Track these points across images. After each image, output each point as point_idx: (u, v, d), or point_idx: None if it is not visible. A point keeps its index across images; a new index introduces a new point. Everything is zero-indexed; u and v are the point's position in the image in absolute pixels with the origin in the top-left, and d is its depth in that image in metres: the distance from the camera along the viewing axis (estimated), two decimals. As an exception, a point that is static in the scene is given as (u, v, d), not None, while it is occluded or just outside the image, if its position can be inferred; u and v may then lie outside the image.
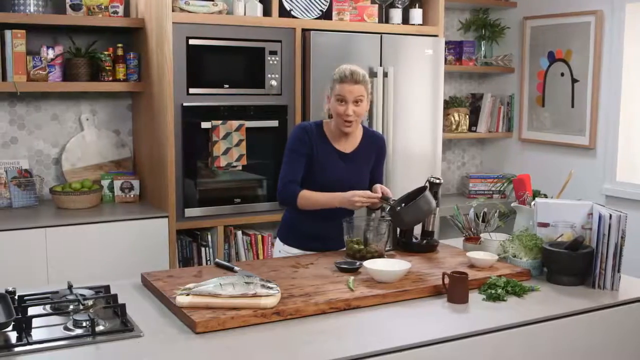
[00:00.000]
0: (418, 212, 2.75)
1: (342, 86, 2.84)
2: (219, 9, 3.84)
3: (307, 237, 2.99)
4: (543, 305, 2.35)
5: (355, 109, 2.85)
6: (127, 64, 4.02)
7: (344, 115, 2.84)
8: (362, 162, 2.99)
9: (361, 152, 2.99)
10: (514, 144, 5.23)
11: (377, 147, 3.05)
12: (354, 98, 2.83)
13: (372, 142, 3.04)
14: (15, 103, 3.97)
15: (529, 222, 2.82)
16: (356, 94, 2.83)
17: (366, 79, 2.89)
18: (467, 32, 5.27)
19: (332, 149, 2.95)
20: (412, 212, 2.74)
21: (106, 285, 2.33)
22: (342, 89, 2.84)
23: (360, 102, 2.85)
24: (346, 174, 2.93)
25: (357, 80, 2.84)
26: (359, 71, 2.87)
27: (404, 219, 2.76)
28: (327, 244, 2.94)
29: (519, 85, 5.12)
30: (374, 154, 3.03)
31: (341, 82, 2.84)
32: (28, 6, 3.71)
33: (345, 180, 2.91)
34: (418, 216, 2.78)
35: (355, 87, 2.83)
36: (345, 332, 2.06)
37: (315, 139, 2.94)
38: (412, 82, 4.34)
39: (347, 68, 2.87)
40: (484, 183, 5.09)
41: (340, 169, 2.94)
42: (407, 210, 2.75)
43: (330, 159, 2.94)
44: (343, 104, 2.84)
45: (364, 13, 4.28)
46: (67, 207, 3.83)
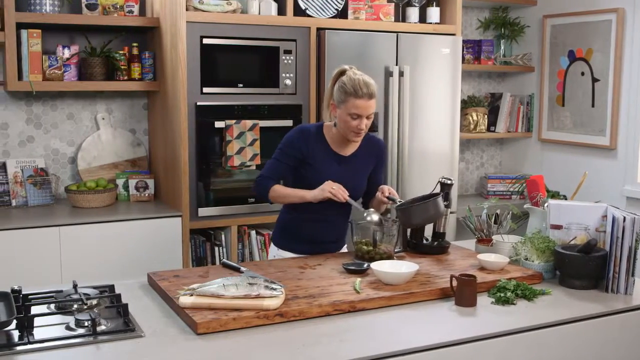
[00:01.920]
0: (425, 213, 2.72)
1: (358, 102, 2.72)
2: (233, 8, 3.83)
3: (301, 241, 2.94)
4: (553, 309, 2.30)
5: (367, 122, 2.79)
6: (142, 63, 4.03)
7: (356, 129, 2.78)
8: (359, 166, 2.94)
9: (359, 156, 2.94)
10: (533, 144, 5.16)
11: (377, 151, 3.00)
12: (368, 113, 2.76)
13: (372, 146, 2.98)
14: (31, 102, 4.00)
15: (542, 224, 2.77)
16: (370, 110, 2.76)
17: (376, 91, 2.79)
18: (486, 31, 5.21)
19: (329, 152, 2.90)
20: (420, 213, 2.72)
21: (110, 285, 2.33)
22: (358, 105, 2.73)
23: (372, 117, 2.80)
24: (342, 176, 2.86)
25: (371, 94, 2.75)
26: (371, 84, 2.77)
27: (411, 218, 2.73)
28: (322, 247, 2.91)
29: (538, 85, 5.05)
30: (373, 158, 2.98)
31: (357, 98, 2.72)
32: (44, 6, 3.73)
33: (344, 182, 2.83)
34: (424, 217, 2.75)
35: (371, 103, 2.75)
36: (348, 335, 2.03)
37: (313, 142, 2.88)
38: (428, 82, 4.30)
39: (361, 80, 2.74)
40: (502, 184, 5.03)
41: (336, 172, 2.88)
42: (415, 210, 2.72)
43: (327, 161, 2.88)
44: (357, 119, 2.76)
45: (380, 12, 4.24)
46: (82, 206, 3.85)
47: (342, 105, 2.77)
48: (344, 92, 2.75)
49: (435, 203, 2.73)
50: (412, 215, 2.73)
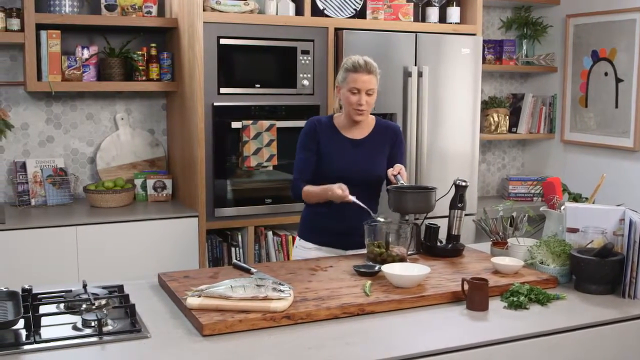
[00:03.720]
0: (414, 203, 2.72)
1: (356, 76, 2.83)
2: (250, 8, 3.83)
3: (322, 232, 2.98)
4: (567, 314, 2.25)
5: (367, 99, 2.85)
6: (161, 63, 4.05)
7: (357, 105, 2.84)
8: (374, 149, 2.96)
9: (373, 139, 2.97)
10: (556, 145, 5.08)
11: (392, 136, 3.01)
12: (367, 88, 2.83)
13: (386, 131, 3.01)
14: (51, 102, 4.04)
15: (558, 227, 2.72)
16: (369, 85, 2.83)
17: (377, 70, 2.88)
18: (508, 31, 5.14)
19: (342, 138, 2.95)
20: (409, 199, 2.72)
21: (120, 285, 2.33)
22: (356, 79, 2.82)
23: (372, 93, 2.85)
24: (357, 160, 2.91)
25: (370, 70, 2.84)
26: (371, 62, 2.86)
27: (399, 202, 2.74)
28: (342, 240, 2.96)
29: (561, 85, 4.98)
30: (388, 142, 3.00)
31: (355, 72, 2.83)
32: (63, 7, 3.76)
33: (356, 166, 2.90)
34: (412, 206, 2.74)
35: (369, 78, 2.83)
36: (355, 338, 2.01)
37: (325, 129, 2.95)
38: (448, 82, 4.26)
39: (360, 58, 2.86)
40: (523, 185, 4.97)
41: (350, 155, 2.92)
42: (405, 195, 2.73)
43: (340, 147, 2.93)
44: (356, 94, 2.84)
45: (399, 12, 4.21)
46: (100, 206, 3.88)
47: (343, 84, 2.88)
48: (345, 70, 2.88)
49: (428, 195, 2.73)
50: (401, 199, 2.73)
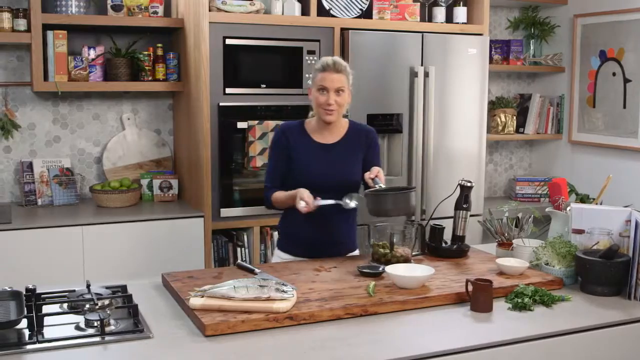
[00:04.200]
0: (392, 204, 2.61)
1: (323, 75, 2.78)
2: (256, 9, 3.83)
3: (298, 242, 2.90)
4: (572, 316, 2.24)
5: (336, 99, 2.78)
6: (167, 63, 4.05)
7: (325, 105, 2.78)
8: (347, 153, 2.88)
9: (346, 143, 2.89)
10: (563, 146, 5.06)
11: (366, 139, 2.93)
12: (335, 87, 2.76)
13: (360, 134, 2.93)
14: (58, 102, 4.05)
15: (564, 229, 2.71)
16: (337, 83, 2.77)
17: (348, 70, 2.82)
18: (515, 31, 5.12)
19: (313, 143, 2.88)
20: (386, 202, 2.62)
21: (123, 285, 2.34)
22: (323, 78, 2.77)
23: (341, 92, 2.78)
24: (329, 165, 2.83)
25: (338, 69, 2.78)
26: (341, 61, 2.81)
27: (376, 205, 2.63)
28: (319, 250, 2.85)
29: (569, 86, 4.95)
30: (363, 146, 2.91)
31: (323, 71, 2.78)
32: (70, 7, 3.77)
33: (329, 172, 2.82)
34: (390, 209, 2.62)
35: (337, 77, 2.77)
36: (357, 339, 2.00)
37: (295, 135, 2.89)
38: (455, 82, 4.24)
39: (329, 58, 2.82)
40: (531, 186, 4.94)
41: (322, 160, 2.85)
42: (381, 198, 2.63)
43: (311, 152, 2.86)
44: (325, 94, 2.78)
45: (406, 11, 4.20)
46: (106, 206, 3.89)
47: (313, 85, 2.83)
48: (314, 70, 2.85)
49: (407, 196, 2.63)
50: (379, 202, 2.63)
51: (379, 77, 4.05)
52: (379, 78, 4.05)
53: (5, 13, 3.66)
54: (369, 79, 4.02)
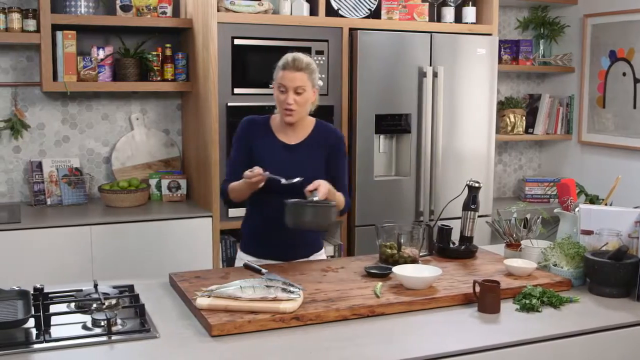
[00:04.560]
0: (308, 217, 2.51)
1: (283, 73, 2.68)
2: (264, 9, 3.83)
3: (260, 243, 2.82)
4: (580, 317, 2.23)
5: (296, 98, 2.67)
6: (176, 64, 4.06)
7: (285, 104, 2.68)
8: (308, 155, 2.78)
9: (308, 144, 2.79)
10: (573, 146, 5.03)
11: (330, 142, 2.82)
12: (294, 86, 2.66)
13: (324, 136, 2.83)
14: (67, 102, 4.06)
15: (572, 229, 2.69)
16: (297, 82, 2.66)
17: (311, 67, 2.70)
18: (525, 31, 5.11)
19: (275, 141, 2.79)
20: (301, 214, 2.51)
21: (130, 285, 2.34)
22: (283, 76, 2.68)
23: (302, 92, 2.68)
24: (289, 166, 2.70)
25: (299, 67, 2.67)
26: (302, 58, 2.70)
27: (292, 216, 2.52)
28: (283, 251, 2.78)
29: (578, 86, 4.93)
30: (326, 149, 2.80)
31: (283, 69, 2.69)
32: (79, 8, 3.79)
33: (288, 173, 2.66)
34: (305, 221, 2.52)
35: (297, 75, 2.66)
36: (364, 340, 2.00)
37: (258, 131, 2.81)
38: (464, 83, 4.23)
39: (291, 55, 2.71)
40: (540, 187, 4.92)
41: (282, 161, 2.75)
42: (296, 209, 2.51)
43: (272, 151, 2.77)
44: (284, 92, 2.68)
45: (414, 12, 4.19)
46: (115, 205, 3.90)
47: (274, 82, 2.74)
48: (276, 68, 2.74)
49: (326, 211, 2.52)
50: (297, 213, 2.52)
51: (388, 78, 4.04)
52: (388, 78, 4.04)
53: (15, 13, 3.68)
54: (377, 79, 4.01)
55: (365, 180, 4.06)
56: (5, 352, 1.84)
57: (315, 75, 2.74)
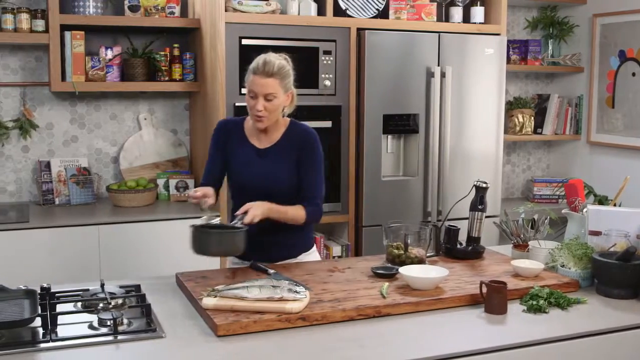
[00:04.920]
0: (211, 245, 2.41)
1: (253, 78, 2.57)
2: (272, 9, 3.83)
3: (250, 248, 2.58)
4: (588, 318, 2.22)
5: (266, 105, 2.57)
6: (183, 64, 4.07)
7: (254, 110, 2.58)
8: (279, 159, 2.68)
9: (279, 148, 2.69)
10: (582, 147, 5.01)
11: (301, 143, 2.69)
12: (263, 93, 2.55)
13: (296, 138, 2.70)
14: (75, 102, 4.07)
15: (580, 230, 2.68)
16: (267, 89, 2.55)
17: (283, 72, 2.59)
18: (534, 31, 5.08)
19: (248, 145, 2.71)
20: (205, 241, 2.41)
21: (137, 284, 2.34)
22: (253, 81, 2.57)
23: (272, 99, 2.57)
24: (260, 172, 2.66)
25: (269, 72, 2.55)
26: (273, 62, 2.57)
27: (196, 243, 2.42)
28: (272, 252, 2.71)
29: (587, 86, 4.91)
30: (296, 150, 2.68)
31: (253, 74, 2.58)
32: (87, 8, 3.80)
33: (259, 179, 2.65)
34: (208, 248, 2.43)
35: (267, 81, 2.55)
36: (370, 341, 1.99)
37: (233, 134, 2.74)
38: (472, 83, 4.22)
39: (262, 58, 2.58)
40: (548, 187, 4.90)
41: (254, 166, 2.68)
42: (200, 236, 2.41)
43: (245, 155, 2.70)
44: (253, 99, 2.58)
45: (422, 11, 4.18)
46: (122, 205, 3.90)
47: (246, 85, 2.64)
48: (248, 71, 2.63)
49: (233, 237, 2.41)
50: (201, 240, 2.41)
51: (395, 78, 4.03)
52: (395, 78, 4.04)
53: (24, 14, 3.69)
54: (385, 80, 4.01)
55: (372, 181, 4.05)
56: (12, 351, 1.84)
57: (289, 79, 2.63)
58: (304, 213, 2.66)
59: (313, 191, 2.69)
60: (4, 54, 3.91)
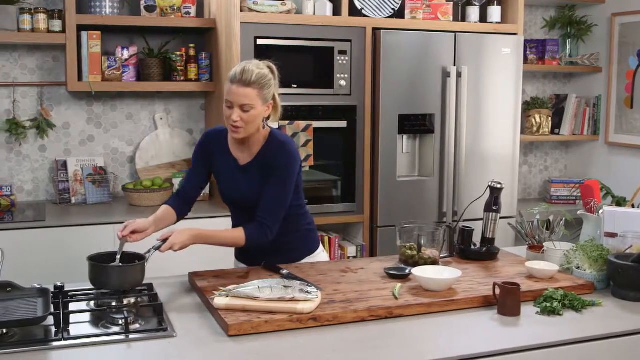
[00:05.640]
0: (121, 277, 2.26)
1: (230, 87, 2.45)
2: (287, 9, 3.83)
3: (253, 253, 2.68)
4: (602, 321, 2.19)
5: (242, 115, 2.44)
6: (199, 64, 4.08)
7: (230, 120, 2.46)
8: (258, 175, 2.56)
9: (258, 163, 2.56)
10: (600, 147, 4.96)
11: (271, 163, 2.54)
12: (240, 103, 2.43)
13: (270, 155, 2.56)
14: (92, 102, 4.10)
15: (596, 232, 2.65)
16: (243, 99, 2.42)
17: (261, 82, 2.45)
18: (551, 30, 5.04)
19: (230, 159, 2.62)
20: (117, 276, 2.26)
21: (149, 284, 2.35)
22: (230, 90, 2.45)
23: (249, 110, 2.44)
24: (241, 187, 2.58)
25: (246, 82, 2.42)
26: (252, 71, 2.44)
27: (103, 276, 2.25)
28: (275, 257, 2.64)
29: (606, 86, 4.86)
30: (267, 169, 2.55)
31: (231, 83, 2.45)
32: (104, 8, 3.82)
33: (241, 194, 2.58)
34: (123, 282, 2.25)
35: (244, 91, 2.42)
36: (381, 342, 1.98)
37: (218, 146, 2.65)
38: (488, 83, 4.19)
39: (241, 66, 2.45)
40: (566, 188, 4.86)
41: (235, 181, 2.60)
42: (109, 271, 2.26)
43: (227, 169, 2.62)
44: (230, 108, 2.46)
45: (438, 11, 4.16)
46: (138, 204, 3.92)
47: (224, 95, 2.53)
48: (227, 79, 2.52)
49: (133, 269, 2.29)
50: (97, 274, 2.25)
51: (411, 78, 4.02)
52: (411, 78, 4.02)
53: (41, 14, 3.72)
54: (400, 80, 3.99)
55: (388, 181, 4.04)
56: (25, 349, 1.86)
57: (268, 90, 2.49)
58: (242, 235, 2.52)
59: (266, 209, 2.53)
60: (21, 54, 3.94)
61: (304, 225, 2.78)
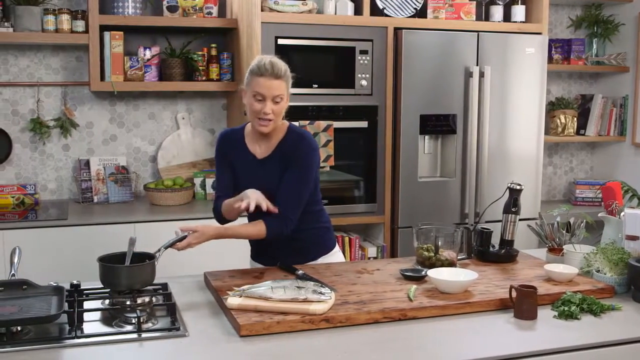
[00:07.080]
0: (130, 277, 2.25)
1: (260, 81, 2.47)
2: (308, 8, 3.82)
3: (269, 253, 2.71)
4: (621, 326, 2.15)
5: (274, 108, 2.49)
6: (221, 63, 4.09)
7: (261, 114, 2.49)
8: (277, 168, 2.59)
9: (278, 155, 2.59)
10: (626, 148, 4.88)
11: (292, 150, 2.58)
12: (273, 95, 2.47)
13: (290, 144, 2.60)
14: (115, 102, 4.13)
15: (617, 235, 2.60)
16: (276, 91, 2.47)
17: (288, 74, 2.53)
18: (577, 30, 4.97)
19: (248, 155, 2.64)
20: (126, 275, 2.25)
21: (164, 283, 2.36)
22: (260, 84, 2.47)
23: (280, 101, 2.50)
24: (262, 182, 2.57)
25: (278, 74, 2.47)
26: (280, 64, 2.50)
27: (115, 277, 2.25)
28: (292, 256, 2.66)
29: (633, 86, 4.77)
30: (289, 157, 2.58)
31: (260, 76, 2.47)
32: (126, 8, 3.85)
33: (263, 188, 2.54)
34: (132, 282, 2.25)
35: (276, 83, 2.47)
36: (394, 344, 1.96)
37: (233, 144, 2.67)
38: (511, 83, 4.15)
39: (267, 59, 2.50)
40: (591, 190, 4.79)
41: (255, 176, 2.61)
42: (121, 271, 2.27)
43: (246, 165, 2.64)
44: (261, 101, 2.49)
45: (461, 10, 4.13)
46: (160, 204, 3.94)
47: (248, 89, 2.54)
48: (250, 73, 2.54)
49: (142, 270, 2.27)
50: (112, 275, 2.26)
51: (433, 78, 3.99)
52: (433, 78, 3.99)
53: (65, 15, 3.76)
54: (422, 80, 3.97)
55: (409, 182, 4.01)
56: (38, 346, 1.87)
57: (290, 81, 2.56)
58: (263, 227, 2.55)
59: (285, 200, 2.55)
60: (45, 54, 3.99)
61: (322, 223, 2.78)
